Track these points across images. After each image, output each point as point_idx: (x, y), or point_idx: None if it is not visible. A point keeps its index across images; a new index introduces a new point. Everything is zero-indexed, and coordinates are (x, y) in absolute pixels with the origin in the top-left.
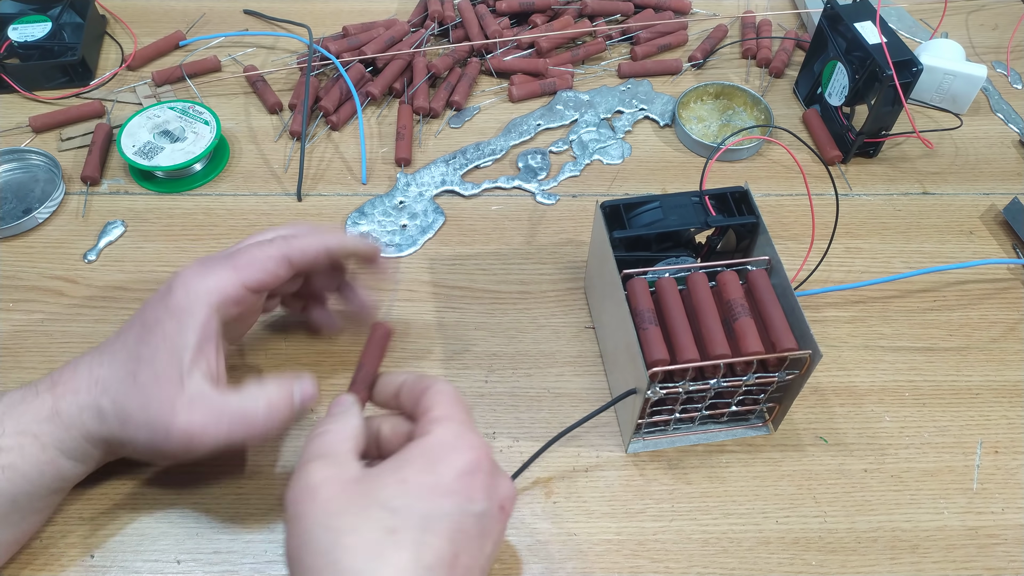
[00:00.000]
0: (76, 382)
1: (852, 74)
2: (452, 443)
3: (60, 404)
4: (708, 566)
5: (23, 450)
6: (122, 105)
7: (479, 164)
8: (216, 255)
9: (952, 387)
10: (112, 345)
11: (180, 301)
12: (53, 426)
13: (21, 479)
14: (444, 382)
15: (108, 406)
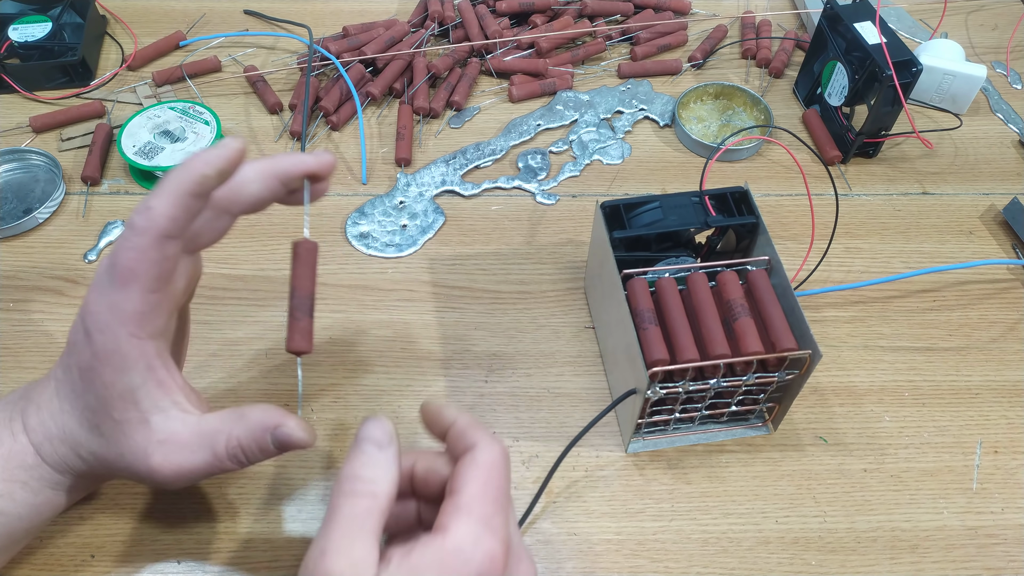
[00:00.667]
0: (47, 428)
1: (852, 74)
2: (468, 551)
3: (42, 449)
4: (708, 566)
5: (13, 496)
6: (122, 105)
7: (479, 164)
8: (101, 268)
9: (952, 387)
10: (63, 389)
11: (103, 344)
12: (41, 471)
13: (16, 521)
14: (489, 446)
15: (87, 456)
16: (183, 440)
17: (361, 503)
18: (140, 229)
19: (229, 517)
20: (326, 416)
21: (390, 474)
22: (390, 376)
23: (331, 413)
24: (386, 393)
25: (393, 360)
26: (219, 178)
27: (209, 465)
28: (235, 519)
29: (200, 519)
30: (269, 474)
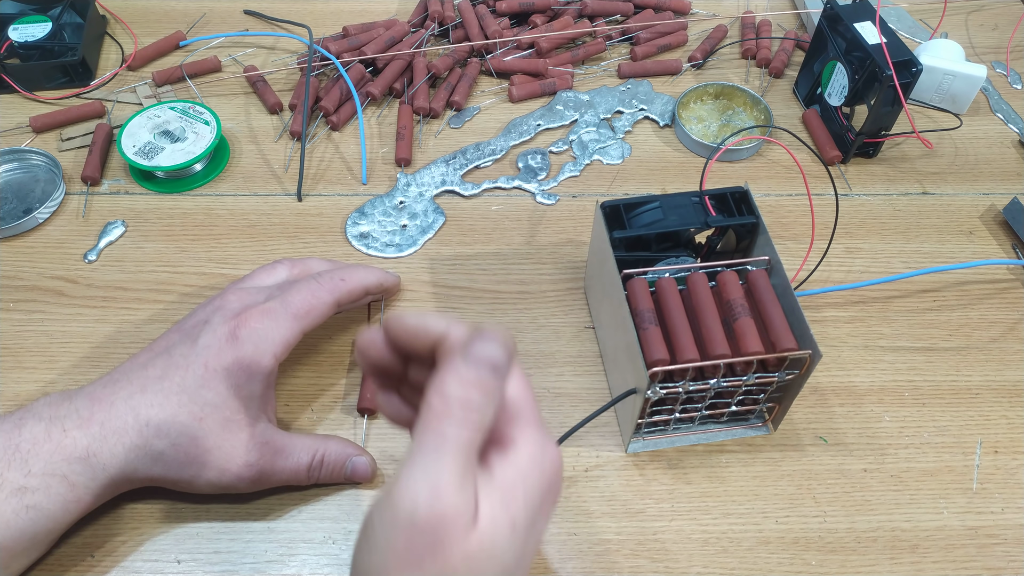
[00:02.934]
0: (116, 422)
1: (852, 74)
2: (540, 459)
3: (96, 445)
4: (708, 566)
5: (49, 490)
6: (122, 105)
7: (479, 164)
8: (268, 293)
9: (952, 387)
10: (158, 385)
11: (249, 353)
12: (85, 466)
13: (45, 519)
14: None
15: (167, 449)
16: (279, 446)
17: (474, 436)
18: (328, 289)
19: (229, 517)
20: (326, 416)
21: (496, 407)
22: None
23: (331, 413)
24: None
25: None
26: (381, 294)
27: (293, 473)
28: (235, 519)
29: (200, 519)
30: None
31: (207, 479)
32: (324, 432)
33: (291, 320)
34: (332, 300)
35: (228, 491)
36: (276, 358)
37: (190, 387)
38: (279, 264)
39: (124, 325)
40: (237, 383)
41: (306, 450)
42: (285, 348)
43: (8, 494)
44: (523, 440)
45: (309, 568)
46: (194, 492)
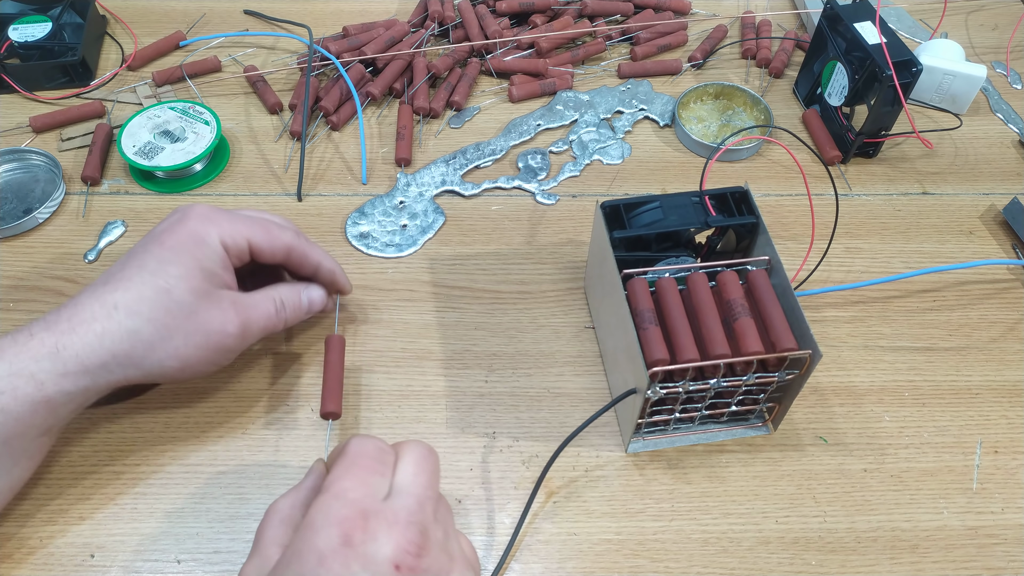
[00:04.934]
0: (83, 314)
1: (852, 74)
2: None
3: (65, 339)
4: (708, 566)
5: (16, 392)
6: (122, 105)
7: (479, 164)
8: (225, 208)
9: (952, 387)
10: (119, 274)
11: (200, 229)
12: (53, 362)
13: (14, 422)
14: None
15: (142, 325)
16: (247, 302)
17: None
18: (290, 234)
19: (229, 517)
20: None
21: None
22: (390, 376)
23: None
24: (386, 393)
25: (393, 360)
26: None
27: (266, 320)
28: (235, 519)
29: (199, 519)
30: (268, 473)
31: (195, 344)
32: (323, 432)
33: (240, 221)
34: (286, 243)
35: (218, 357)
36: (224, 242)
37: (151, 265)
38: (277, 217)
39: None
40: (196, 256)
41: (266, 299)
42: (232, 237)
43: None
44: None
45: None
46: (181, 375)
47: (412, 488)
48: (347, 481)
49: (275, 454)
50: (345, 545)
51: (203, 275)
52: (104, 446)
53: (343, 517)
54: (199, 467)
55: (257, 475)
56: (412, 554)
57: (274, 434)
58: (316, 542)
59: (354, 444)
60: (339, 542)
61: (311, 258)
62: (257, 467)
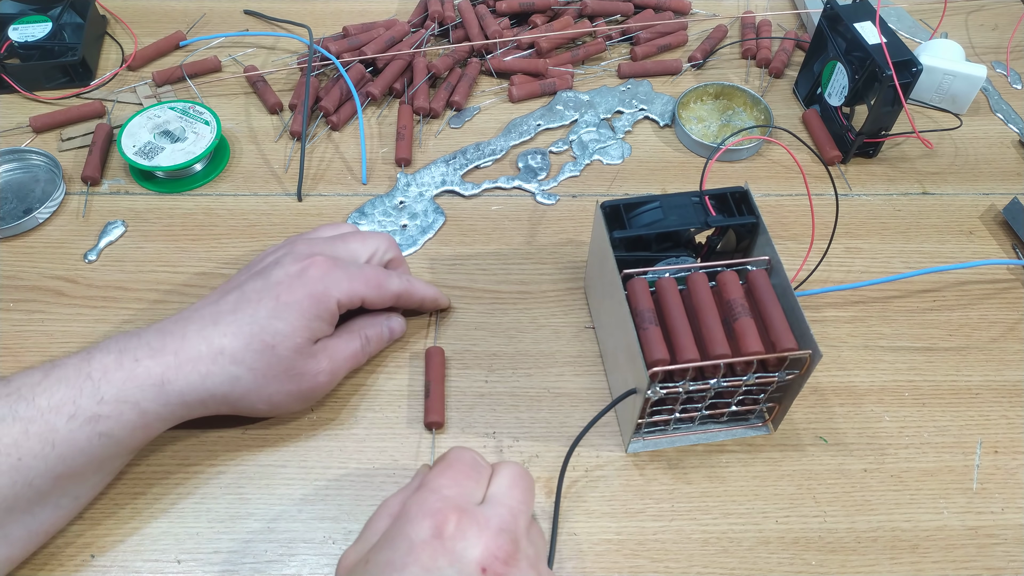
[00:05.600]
0: (190, 351)
1: (852, 74)
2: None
3: (171, 373)
4: (708, 566)
5: (121, 417)
6: (122, 105)
7: (479, 164)
8: (339, 253)
9: (952, 387)
10: (231, 318)
11: (319, 290)
12: (158, 392)
13: (115, 445)
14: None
15: (244, 373)
16: (337, 347)
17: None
18: (397, 282)
19: (229, 517)
20: (326, 416)
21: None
22: (390, 376)
23: (331, 413)
24: (386, 393)
25: (393, 360)
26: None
27: (353, 361)
28: (235, 519)
29: (200, 519)
30: (268, 473)
31: (287, 392)
32: (323, 433)
33: (360, 283)
34: (395, 292)
35: (307, 402)
36: (340, 303)
37: (262, 319)
38: (344, 226)
39: (124, 325)
40: (306, 316)
41: (352, 339)
42: (349, 297)
43: (82, 422)
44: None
45: (309, 568)
46: (269, 414)
47: (506, 500)
48: (443, 479)
49: (275, 454)
50: (436, 537)
51: (308, 334)
52: None
53: (436, 510)
54: (199, 467)
55: (257, 475)
56: (501, 560)
57: (274, 434)
58: (408, 531)
59: (454, 451)
60: (430, 533)
61: (415, 298)
62: (257, 467)
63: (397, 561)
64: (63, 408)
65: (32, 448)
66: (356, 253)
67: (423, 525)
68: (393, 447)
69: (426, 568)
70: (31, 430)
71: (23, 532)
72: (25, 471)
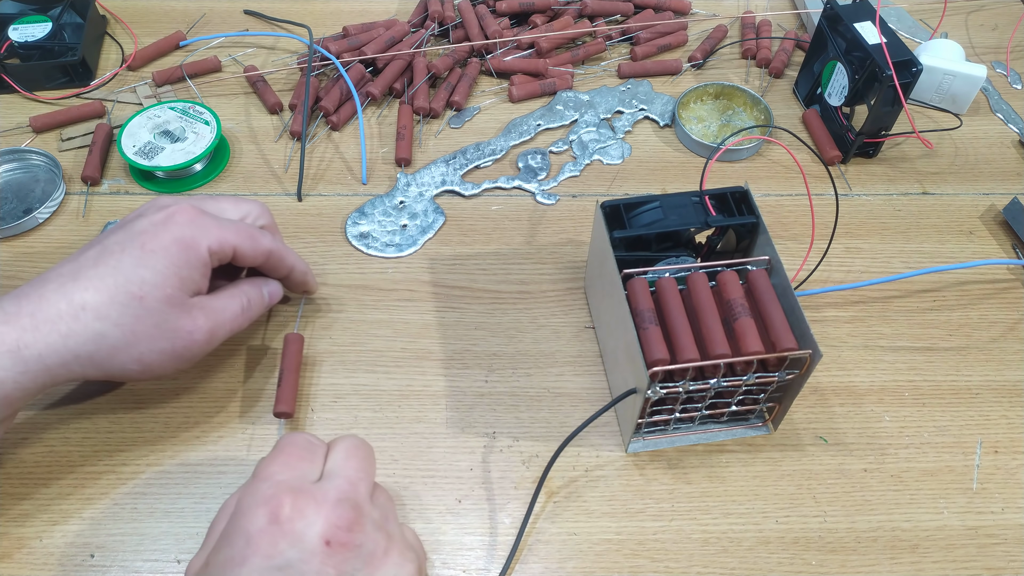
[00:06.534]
0: (49, 311)
1: (852, 74)
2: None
3: (27, 337)
4: (708, 566)
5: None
6: (122, 105)
7: (479, 164)
8: (208, 208)
9: (952, 387)
10: (92, 271)
11: (187, 234)
12: (13, 360)
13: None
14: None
15: (109, 329)
16: (217, 306)
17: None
18: (270, 241)
19: None
20: (326, 416)
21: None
22: (390, 376)
23: (331, 413)
24: (386, 393)
25: (393, 360)
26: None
27: (233, 322)
28: None
29: (200, 519)
30: None
31: (160, 350)
32: (323, 432)
33: (228, 228)
34: (267, 248)
35: (182, 362)
36: (210, 250)
37: (126, 268)
38: (255, 205)
39: None
40: (175, 262)
41: (232, 300)
42: (220, 244)
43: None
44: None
45: None
46: (142, 376)
47: (342, 471)
48: (275, 466)
49: None
50: (272, 523)
51: (179, 283)
52: (104, 446)
53: (269, 496)
54: (199, 467)
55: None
56: (343, 529)
57: (274, 434)
58: (244, 523)
59: (285, 437)
60: (266, 521)
61: (286, 262)
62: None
63: (237, 556)
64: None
65: None
66: (226, 211)
67: (258, 514)
68: (393, 447)
69: (267, 555)
70: None
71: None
72: None
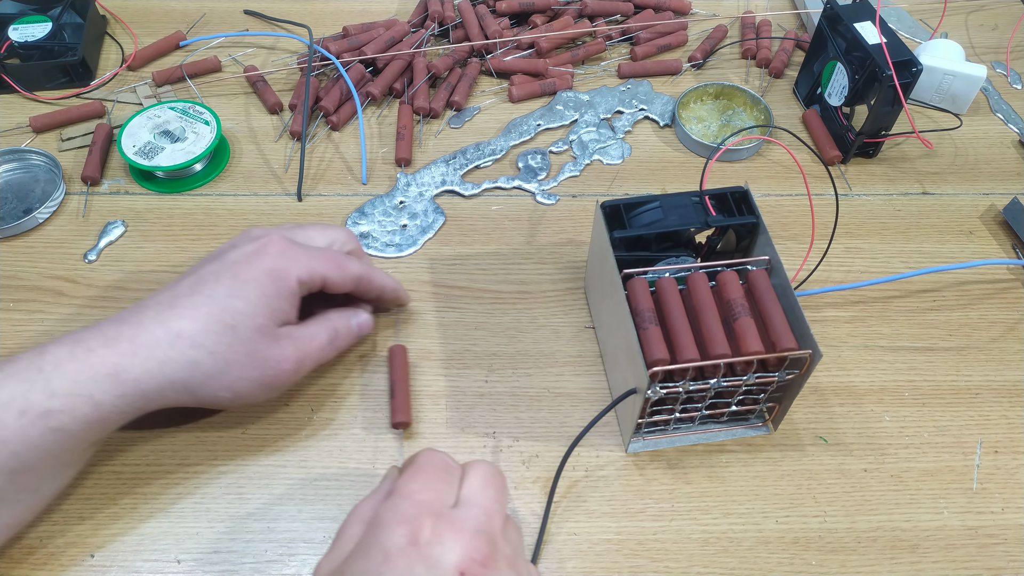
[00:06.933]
0: (146, 337)
1: (852, 74)
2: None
3: (125, 362)
4: (708, 566)
5: (75, 411)
6: (122, 105)
7: (479, 164)
8: (296, 237)
9: (952, 387)
10: (187, 300)
11: (278, 266)
12: (112, 384)
13: (68, 439)
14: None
15: (204, 357)
16: (304, 335)
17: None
18: (360, 267)
19: (229, 517)
20: (326, 416)
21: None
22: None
23: (331, 413)
24: (386, 393)
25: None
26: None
27: (320, 354)
28: (235, 519)
29: (200, 518)
30: (268, 473)
31: (250, 379)
32: (323, 432)
33: (321, 261)
34: (356, 275)
35: (271, 391)
36: (300, 280)
37: (220, 297)
38: (341, 231)
39: None
40: (266, 293)
41: (320, 331)
42: (309, 275)
43: (34, 417)
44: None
45: (309, 568)
46: (232, 404)
47: (479, 500)
48: (415, 484)
49: (275, 454)
50: (411, 544)
51: (270, 313)
52: (104, 446)
53: (410, 516)
54: (199, 467)
55: (257, 475)
56: (478, 563)
57: (274, 434)
58: (383, 539)
59: (423, 454)
60: (406, 541)
61: (375, 284)
62: (257, 467)
63: (372, 571)
64: (13, 404)
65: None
66: (313, 239)
67: (397, 533)
68: (393, 447)
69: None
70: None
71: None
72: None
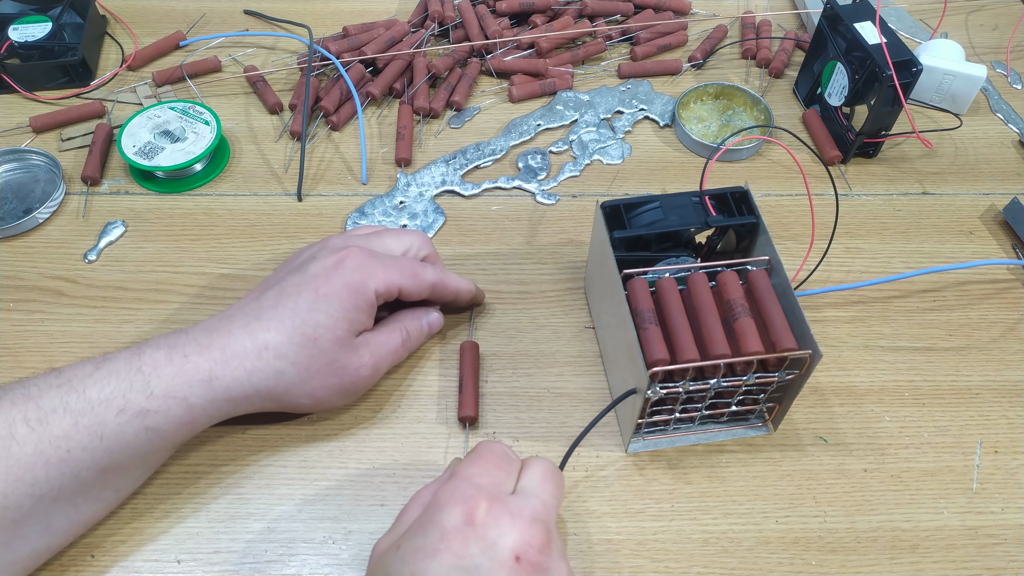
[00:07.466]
0: (236, 347)
1: (852, 74)
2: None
3: (218, 369)
4: (708, 566)
5: (169, 413)
6: (122, 105)
7: (479, 164)
8: (373, 246)
9: (952, 387)
10: (272, 312)
11: (356, 279)
12: (204, 389)
13: (160, 439)
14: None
15: (288, 368)
16: (379, 341)
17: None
18: (433, 273)
19: (229, 517)
20: (326, 416)
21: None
22: (390, 376)
23: (331, 413)
24: (386, 393)
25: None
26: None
27: (394, 356)
28: (235, 519)
29: (200, 519)
30: (268, 473)
31: (330, 385)
32: (323, 432)
33: (397, 272)
34: (431, 282)
35: (350, 397)
36: (377, 293)
37: (303, 311)
38: (379, 227)
39: (124, 325)
40: (345, 306)
41: (393, 333)
42: (386, 287)
43: (131, 416)
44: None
45: (309, 568)
46: (312, 409)
47: (538, 492)
48: (474, 468)
49: (275, 454)
50: (467, 523)
51: (348, 325)
52: None
53: (467, 496)
54: (199, 467)
55: (257, 475)
56: (535, 549)
57: (274, 434)
58: (440, 517)
59: (484, 444)
60: (462, 520)
61: (450, 289)
62: (257, 467)
63: (429, 547)
64: (113, 401)
65: (81, 441)
66: (390, 247)
67: (454, 512)
68: (393, 447)
69: (458, 555)
70: (81, 423)
71: (65, 523)
72: (73, 463)
